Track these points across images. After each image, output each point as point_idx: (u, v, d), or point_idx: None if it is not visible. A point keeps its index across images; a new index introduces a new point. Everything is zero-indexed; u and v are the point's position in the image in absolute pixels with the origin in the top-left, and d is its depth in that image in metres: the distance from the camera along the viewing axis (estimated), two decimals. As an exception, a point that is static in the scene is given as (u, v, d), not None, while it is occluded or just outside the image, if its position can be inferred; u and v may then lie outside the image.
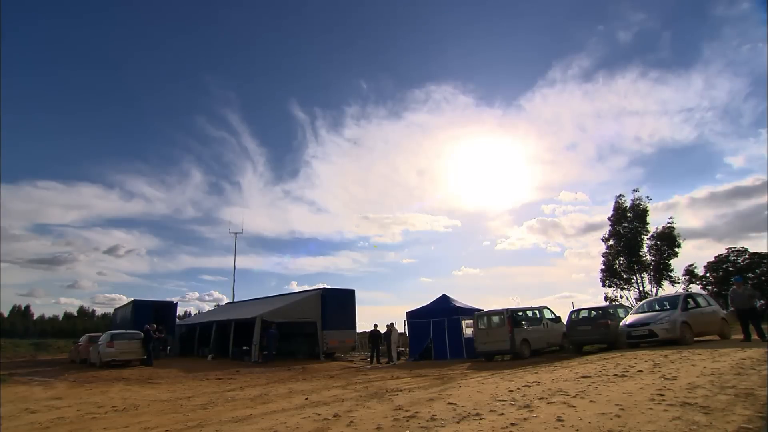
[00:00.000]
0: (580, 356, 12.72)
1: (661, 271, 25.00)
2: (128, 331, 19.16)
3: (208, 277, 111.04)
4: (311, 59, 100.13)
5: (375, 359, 18.04)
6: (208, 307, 76.49)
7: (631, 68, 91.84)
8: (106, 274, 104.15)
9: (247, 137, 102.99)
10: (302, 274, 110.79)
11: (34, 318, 78.88)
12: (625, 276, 26.12)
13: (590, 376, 7.34)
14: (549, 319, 16.42)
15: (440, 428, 4.78)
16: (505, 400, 6.18)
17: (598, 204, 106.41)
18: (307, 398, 7.74)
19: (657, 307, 13.22)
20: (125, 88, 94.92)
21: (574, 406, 5.04)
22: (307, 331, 20.84)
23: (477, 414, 5.37)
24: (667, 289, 24.64)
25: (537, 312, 16.41)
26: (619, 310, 15.39)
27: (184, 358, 22.32)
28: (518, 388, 7.24)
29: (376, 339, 18.62)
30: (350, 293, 22.35)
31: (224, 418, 6.01)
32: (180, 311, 30.43)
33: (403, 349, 19.97)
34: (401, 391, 8.21)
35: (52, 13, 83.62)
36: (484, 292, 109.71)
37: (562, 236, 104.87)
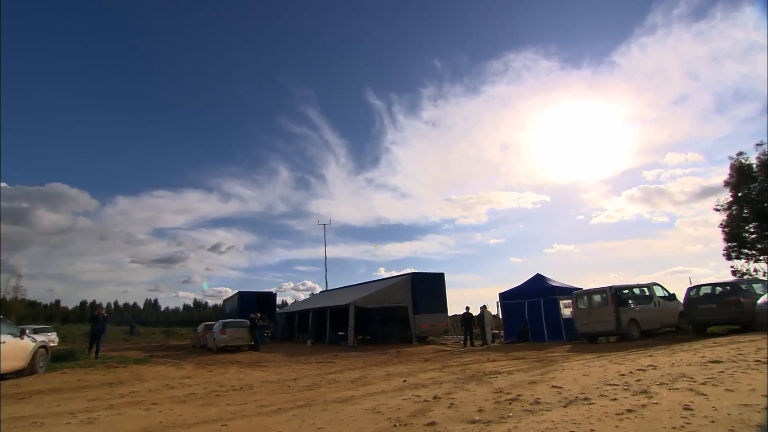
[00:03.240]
0: (704, 338, 11.32)
1: (810, 239, 20.96)
2: (237, 319, 21.12)
3: (301, 267, 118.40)
4: (381, 44, 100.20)
5: (468, 342, 17.84)
6: (303, 296, 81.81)
7: (764, -9, 76.91)
8: (213, 270, 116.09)
9: (327, 130, 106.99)
10: (390, 260, 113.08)
11: (162, 309, 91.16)
12: (759, 246, 22.33)
13: (722, 361, 6.48)
14: (661, 297, 14.81)
15: (546, 412, 4.54)
16: (617, 385, 5.71)
17: (717, 164, 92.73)
18: (405, 380, 7.87)
19: (810, 281, 11.14)
20: (213, 97, 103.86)
21: (704, 395, 4.47)
22: (399, 315, 21.23)
23: (585, 398, 5.03)
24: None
25: (646, 289, 14.88)
26: (755, 285, 13.02)
27: (286, 343, 24.06)
28: (630, 372, 6.66)
29: (469, 322, 18.35)
30: (440, 276, 22.27)
31: (329, 398, 6.34)
32: (278, 301, 32.87)
33: (497, 331, 19.49)
34: (500, 373, 7.99)
35: (139, 32, 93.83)
36: (581, 269, 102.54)
37: (671, 204, 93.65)
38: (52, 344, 15.05)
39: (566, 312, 16.55)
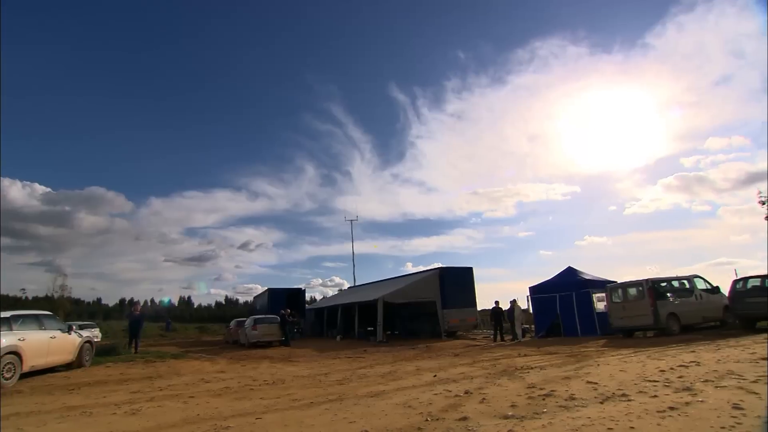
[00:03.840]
0: (753, 334, 10.75)
1: None
2: (267, 315, 21.54)
3: (329, 263, 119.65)
4: (404, 38, 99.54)
5: (498, 337, 17.61)
6: (331, 291, 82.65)
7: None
8: (242, 267, 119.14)
9: (351, 127, 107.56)
10: (417, 255, 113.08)
11: (195, 306, 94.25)
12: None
13: (774, 357, 6.13)
14: (703, 290, 14.14)
15: (582, 408, 4.42)
16: (657, 381, 5.52)
17: (766, 147, 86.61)
18: (435, 375, 7.84)
19: None
20: (238, 97, 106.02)
21: (756, 393, 4.24)
22: (428, 310, 21.15)
23: (623, 395, 4.88)
24: None
25: (686, 282, 14.25)
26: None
27: (315, 339, 24.36)
28: (672, 368, 6.42)
29: (498, 316, 18.10)
30: (468, 271, 22.05)
31: (360, 393, 6.38)
32: (306, 297, 33.36)
33: (528, 326, 19.14)
34: (532, 368, 7.85)
35: (166, 37, 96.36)
36: (615, 262, 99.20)
37: (713, 192, 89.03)
38: (96, 339, 15.81)
39: (600, 306, 16.12)
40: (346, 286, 42.99)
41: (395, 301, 20.49)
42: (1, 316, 9.01)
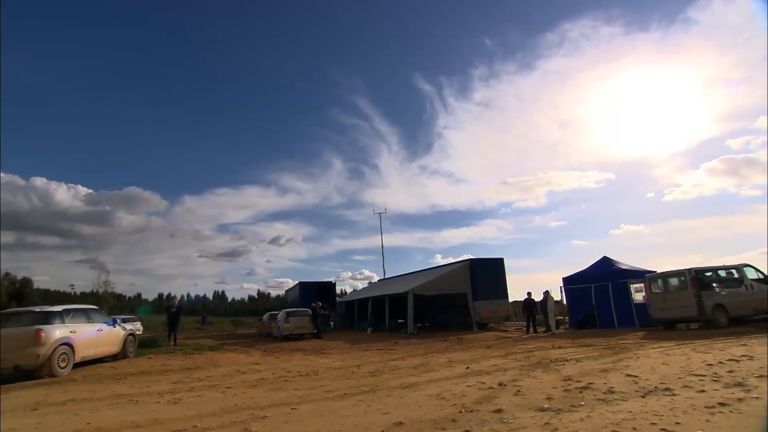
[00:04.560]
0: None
1: None
2: (299, 309, 21.96)
3: (359, 257, 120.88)
4: (427, 27, 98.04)
5: (531, 329, 17.29)
6: (360, 284, 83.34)
7: None
8: (273, 261, 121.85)
9: (378, 120, 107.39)
10: (446, 247, 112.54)
11: (229, 301, 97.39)
12: None
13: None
14: (754, 280, 13.33)
15: (622, 402, 4.28)
16: (704, 376, 5.26)
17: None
18: (468, 367, 7.77)
19: None
20: (265, 95, 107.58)
21: (816, 387, 3.96)
22: (458, 302, 21.02)
23: (667, 389, 4.68)
24: None
25: (734, 271, 13.49)
26: None
27: (346, 331, 24.66)
28: (720, 362, 6.11)
29: (531, 307, 17.78)
30: (499, 262, 21.74)
31: (392, 384, 6.41)
32: (337, 290, 33.78)
33: (561, 317, 18.71)
34: (567, 361, 7.67)
35: (193, 39, 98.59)
36: (653, 251, 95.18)
37: (764, 175, 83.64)
38: (138, 332, 16.59)
39: (638, 297, 15.57)
40: (376, 278, 43.25)
41: (425, 294, 20.45)
42: (54, 310, 9.59)
